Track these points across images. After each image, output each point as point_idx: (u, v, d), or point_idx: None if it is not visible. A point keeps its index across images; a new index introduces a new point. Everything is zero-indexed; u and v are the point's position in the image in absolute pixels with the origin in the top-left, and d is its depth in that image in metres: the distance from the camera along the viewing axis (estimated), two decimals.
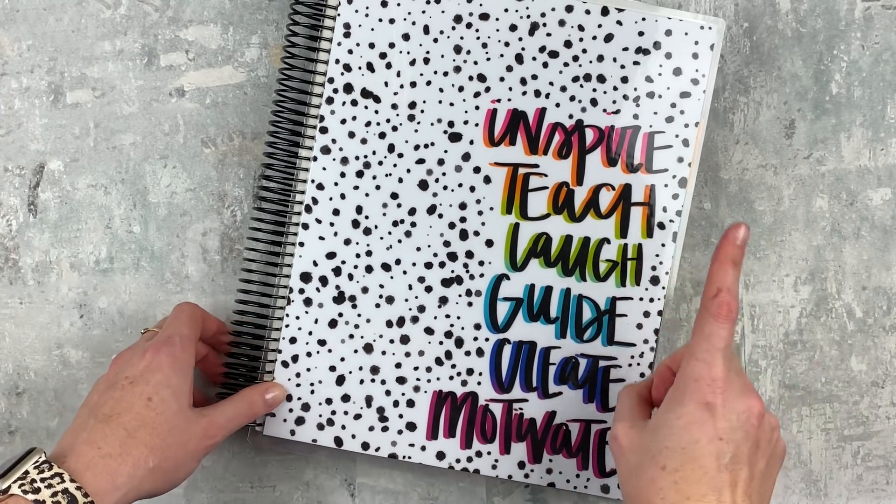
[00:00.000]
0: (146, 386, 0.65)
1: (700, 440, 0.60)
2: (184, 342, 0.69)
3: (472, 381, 0.75)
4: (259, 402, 0.73)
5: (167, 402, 0.66)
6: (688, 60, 0.74)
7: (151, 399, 0.65)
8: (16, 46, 0.78)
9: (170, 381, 0.66)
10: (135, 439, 0.63)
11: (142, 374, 0.66)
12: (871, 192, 0.79)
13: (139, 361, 0.67)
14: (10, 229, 0.78)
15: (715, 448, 0.59)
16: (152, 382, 0.66)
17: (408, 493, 0.79)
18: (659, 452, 0.60)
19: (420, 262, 0.75)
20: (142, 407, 0.65)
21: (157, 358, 0.67)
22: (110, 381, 0.67)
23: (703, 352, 0.61)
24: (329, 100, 0.74)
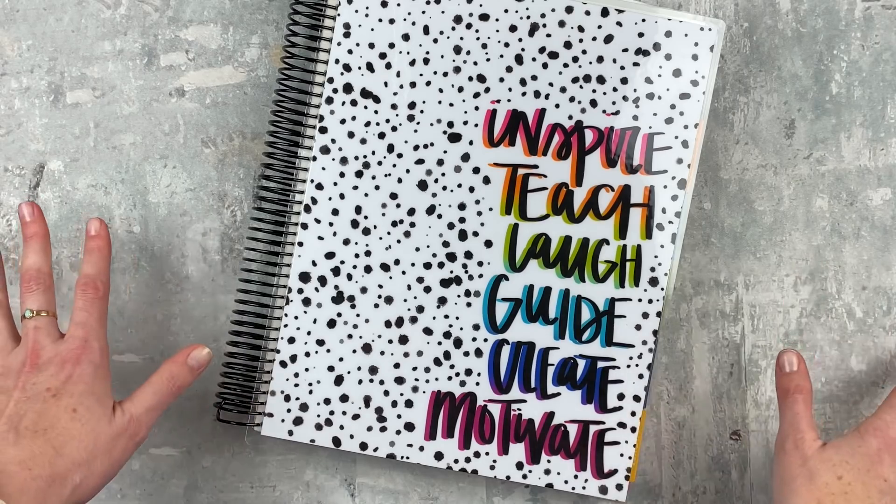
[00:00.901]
0: (70, 399, 0.64)
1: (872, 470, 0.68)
2: (100, 345, 0.68)
3: (470, 381, 0.75)
4: (181, 372, 0.70)
5: (92, 411, 0.65)
6: (687, 62, 0.74)
7: (77, 410, 0.64)
8: (16, 46, 0.78)
9: (93, 388, 0.66)
10: (63, 457, 0.62)
11: (64, 386, 0.65)
12: (871, 192, 0.79)
13: (59, 372, 0.65)
14: (10, 229, 0.78)
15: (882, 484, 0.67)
16: (76, 394, 0.65)
17: (408, 493, 0.79)
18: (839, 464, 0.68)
19: (419, 262, 0.75)
20: (67, 420, 0.64)
21: (79, 369, 0.66)
22: (26, 390, 0.65)
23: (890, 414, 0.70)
24: (329, 100, 0.74)
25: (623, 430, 0.75)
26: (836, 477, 0.67)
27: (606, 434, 0.75)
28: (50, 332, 0.68)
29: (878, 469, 0.67)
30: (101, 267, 0.71)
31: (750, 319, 0.79)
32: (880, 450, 0.68)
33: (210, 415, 0.78)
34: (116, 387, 0.77)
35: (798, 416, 0.71)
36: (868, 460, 0.68)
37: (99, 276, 0.70)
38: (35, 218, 0.71)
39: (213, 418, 0.76)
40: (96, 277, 0.70)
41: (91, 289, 0.69)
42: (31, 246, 0.70)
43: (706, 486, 0.79)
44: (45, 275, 0.70)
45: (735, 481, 0.79)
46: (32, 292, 0.69)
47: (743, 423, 0.79)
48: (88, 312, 0.69)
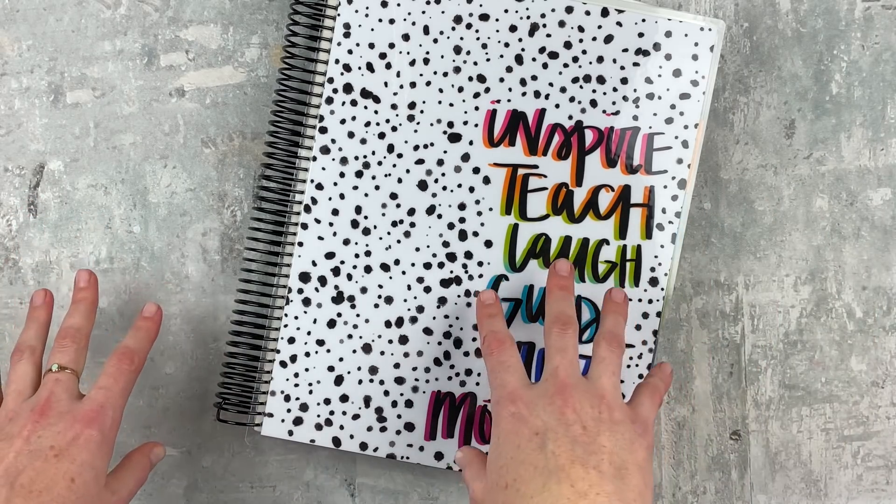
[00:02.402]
0: (71, 465, 0.62)
1: (521, 443, 0.62)
2: (115, 416, 0.66)
3: (470, 381, 0.75)
4: (147, 463, 0.70)
5: (88, 485, 0.63)
6: (687, 62, 0.74)
7: (74, 480, 0.62)
8: (16, 46, 0.78)
9: (94, 462, 0.63)
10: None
11: (68, 449, 0.63)
12: (871, 192, 0.79)
13: (67, 430, 0.64)
14: (10, 229, 0.78)
15: (536, 442, 0.62)
16: (78, 461, 0.63)
17: (408, 493, 0.79)
18: (499, 476, 0.63)
19: (419, 262, 0.75)
20: (63, 488, 0.61)
21: (87, 433, 0.64)
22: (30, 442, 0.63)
23: (494, 381, 0.67)
24: (329, 100, 0.74)
25: None
26: (503, 488, 0.62)
27: None
28: (69, 389, 0.66)
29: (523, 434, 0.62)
30: (142, 345, 0.70)
31: (750, 319, 0.79)
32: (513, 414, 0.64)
33: (210, 415, 0.78)
34: None
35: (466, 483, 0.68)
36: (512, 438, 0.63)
37: (138, 351, 0.70)
38: (89, 286, 0.72)
39: (213, 418, 0.76)
40: (135, 351, 0.69)
41: (126, 360, 0.68)
42: (77, 308, 0.71)
43: (706, 486, 0.79)
44: (82, 336, 0.69)
45: (735, 481, 0.79)
46: (64, 349, 0.68)
47: (743, 423, 0.79)
48: (115, 380, 0.67)
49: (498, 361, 0.67)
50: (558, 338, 0.67)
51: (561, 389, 0.64)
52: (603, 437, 0.62)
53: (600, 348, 0.67)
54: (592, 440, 0.62)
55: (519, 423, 0.63)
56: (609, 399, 0.64)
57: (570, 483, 0.59)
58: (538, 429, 0.62)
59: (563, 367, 0.66)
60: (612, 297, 0.72)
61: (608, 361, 0.67)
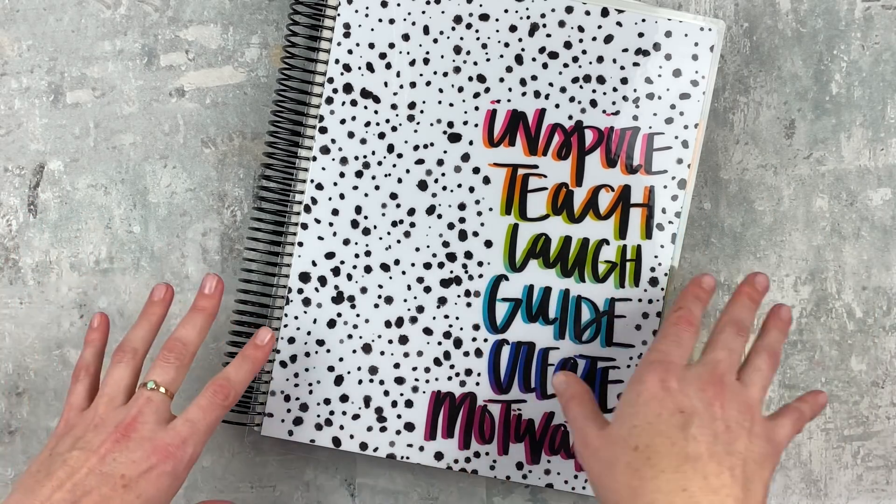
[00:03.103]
0: (136, 499, 0.61)
1: (663, 412, 0.61)
2: (194, 455, 0.64)
3: (470, 381, 0.75)
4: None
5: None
6: (687, 62, 0.74)
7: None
8: (16, 46, 0.78)
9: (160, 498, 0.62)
10: None
11: (137, 481, 0.61)
12: (871, 192, 0.79)
13: (142, 460, 0.62)
14: (10, 229, 0.78)
15: (679, 420, 0.61)
16: (143, 497, 0.61)
17: (408, 493, 0.79)
18: (629, 434, 0.62)
19: (419, 262, 0.75)
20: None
21: (160, 469, 0.62)
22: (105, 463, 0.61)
23: (658, 345, 0.66)
24: (329, 100, 0.74)
25: None
26: (632, 449, 0.61)
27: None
28: (159, 411, 0.64)
29: (666, 405, 0.62)
30: (244, 377, 0.68)
31: None
32: (662, 381, 0.63)
33: None
34: None
35: (574, 419, 0.67)
36: (654, 405, 0.62)
37: (236, 385, 0.67)
38: (213, 294, 0.69)
39: None
40: (233, 385, 0.67)
41: (222, 394, 0.66)
42: (192, 318, 0.68)
43: None
44: (188, 353, 0.67)
45: None
46: (167, 365, 0.66)
47: None
48: (204, 414, 0.65)
49: (675, 334, 0.66)
50: (731, 337, 0.66)
51: (716, 382, 0.63)
52: (740, 444, 0.61)
53: (760, 359, 0.67)
54: (731, 442, 0.61)
55: (665, 392, 0.62)
56: (755, 410, 0.64)
57: (703, 475, 0.59)
58: (684, 408, 0.61)
59: (724, 363, 0.65)
60: (780, 315, 0.70)
61: (763, 373, 0.66)
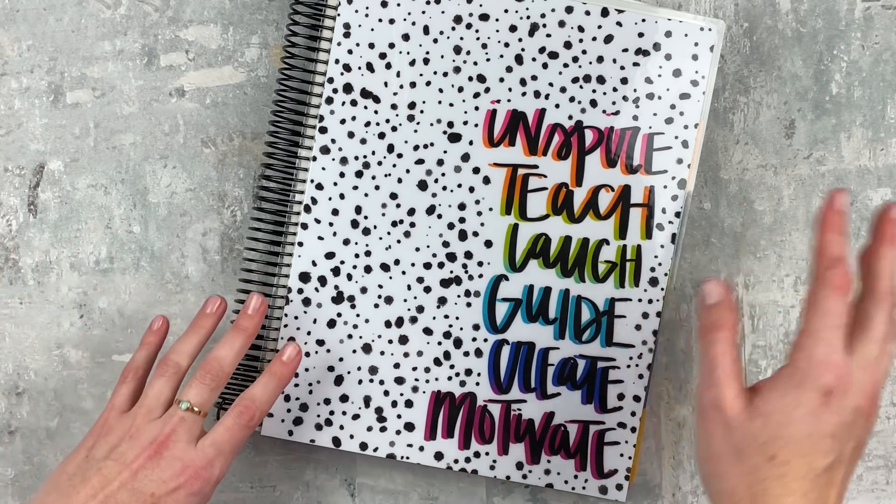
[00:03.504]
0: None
1: (814, 434, 0.57)
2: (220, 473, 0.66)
3: (470, 381, 0.75)
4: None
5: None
6: (687, 62, 0.74)
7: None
8: (16, 46, 0.78)
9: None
10: None
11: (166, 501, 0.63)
12: (871, 192, 0.79)
13: (171, 480, 0.64)
14: (10, 229, 0.78)
15: (825, 446, 0.57)
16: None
17: (408, 493, 0.79)
18: (770, 440, 0.57)
19: (419, 262, 0.75)
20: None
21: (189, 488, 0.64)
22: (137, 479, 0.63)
23: (823, 329, 0.58)
24: (329, 100, 0.74)
25: (623, 430, 0.75)
26: (768, 458, 0.57)
27: (606, 434, 0.75)
28: (191, 431, 0.66)
29: (820, 427, 0.57)
30: (270, 397, 0.69)
31: (750, 319, 0.79)
32: (827, 395, 0.57)
33: (210, 415, 0.78)
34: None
35: (715, 361, 0.60)
36: (807, 422, 0.57)
37: (262, 405, 0.68)
38: (255, 314, 0.70)
39: (214, 418, 0.76)
40: (258, 406, 0.68)
41: (247, 415, 0.67)
42: (232, 338, 0.69)
43: None
44: (224, 374, 0.68)
45: None
46: (203, 386, 0.67)
47: None
48: (230, 435, 0.66)
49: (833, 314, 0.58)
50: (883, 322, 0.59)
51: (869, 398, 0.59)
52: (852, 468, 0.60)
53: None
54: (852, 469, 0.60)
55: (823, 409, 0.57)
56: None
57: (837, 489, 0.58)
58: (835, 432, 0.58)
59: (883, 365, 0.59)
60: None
61: None
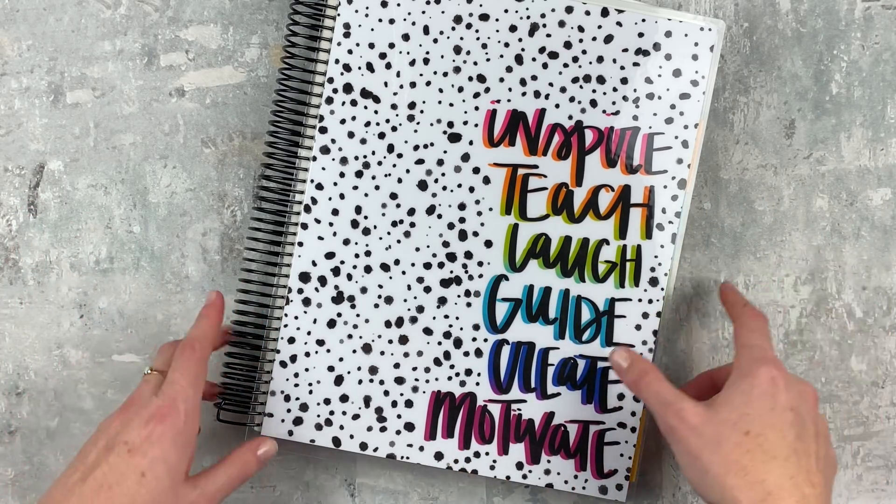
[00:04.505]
0: (143, 459, 0.63)
1: (776, 407, 0.64)
2: (189, 409, 0.66)
3: (470, 381, 0.75)
4: (252, 460, 0.71)
5: (160, 479, 0.63)
6: (687, 62, 0.74)
7: (145, 475, 0.63)
8: (16, 46, 0.78)
9: (167, 456, 0.64)
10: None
11: (141, 444, 0.63)
12: (871, 192, 0.79)
13: (141, 428, 0.64)
14: (10, 229, 0.78)
15: (789, 417, 0.64)
16: (149, 456, 0.63)
17: (408, 493, 0.79)
18: (740, 419, 0.64)
19: (419, 262, 0.75)
20: (134, 482, 0.62)
21: (160, 429, 0.64)
22: (110, 439, 0.64)
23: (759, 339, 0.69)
24: (329, 100, 0.74)
25: (623, 430, 0.75)
26: (744, 433, 0.63)
27: (606, 434, 0.75)
28: (155, 388, 0.67)
29: (779, 401, 0.64)
30: (204, 332, 0.70)
31: None
32: (773, 378, 0.65)
33: (210, 415, 0.78)
34: (117, 386, 0.78)
35: (659, 394, 0.67)
36: (767, 399, 0.64)
37: (199, 338, 0.69)
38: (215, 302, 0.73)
39: (213, 418, 0.76)
40: (196, 339, 0.69)
41: (188, 349, 0.68)
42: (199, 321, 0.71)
43: None
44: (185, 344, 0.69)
45: None
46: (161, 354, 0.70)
47: None
48: (182, 372, 0.67)
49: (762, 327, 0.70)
50: None
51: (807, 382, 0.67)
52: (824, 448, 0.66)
53: None
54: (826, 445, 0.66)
55: (776, 388, 0.65)
56: None
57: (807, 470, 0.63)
58: (793, 406, 0.64)
59: None
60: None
61: None
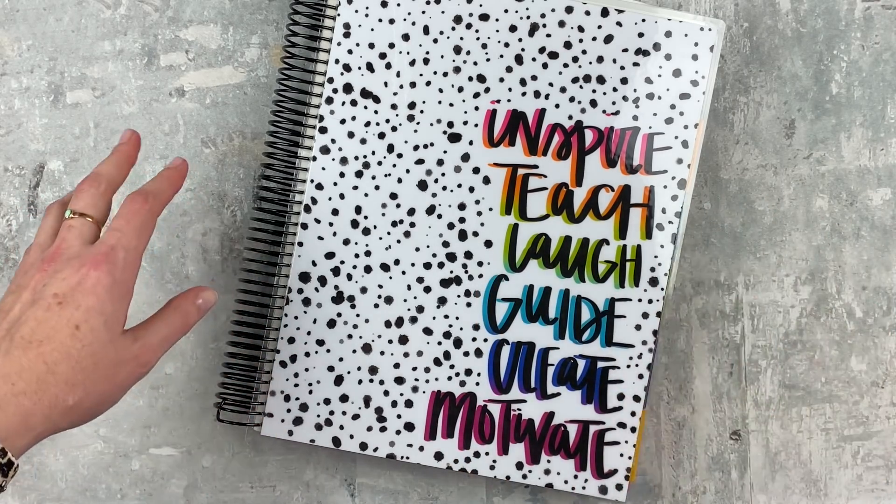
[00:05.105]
0: (76, 311, 0.58)
1: None
2: (128, 258, 0.60)
3: (470, 381, 0.75)
4: (192, 311, 0.65)
5: (97, 332, 0.58)
6: (687, 62, 0.74)
7: (79, 328, 0.57)
8: (16, 46, 0.78)
9: (104, 307, 0.58)
10: (54, 375, 0.57)
11: (72, 294, 0.58)
12: (871, 192, 0.79)
13: (72, 275, 0.59)
14: (10, 229, 0.78)
15: None
16: (83, 307, 0.58)
17: (408, 493, 0.79)
18: None
19: (419, 262, 0.75)
20: (67, 336, 0.57)
21: (94, 276, 0.58)
22: (36, 292, 0.59)
23: None
24: (329, 100, 0.74)
25: (623, 430, 0.75)
26: None
27: (606, 434, 0.75)
28: (83, 234, 0.61)
29: None
30: (159, 187, 0.64)
31: (750, 319, 0.79)
32: None
33: (210, 415, 0.78)
34: None
35: None
36: None
37: (152, 192, 0.63)
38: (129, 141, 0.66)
39: (213, 418, 0.76)
40: (148, 192, 0.63)
41: (139, 200, 0.62)
42: (110, 158, 0.65)
43: (706, 486, 0.79)
44: (103, 181, 0.63)
45: (735, 481, 0.79)
46: (81, 193, 0.63)
47: (743, 423, 0.79)
48: (126, 221, 0.61)
49: None
50: None
51: None
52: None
53: None
54: None
55: None
56: None
57: None
58: None
59: None
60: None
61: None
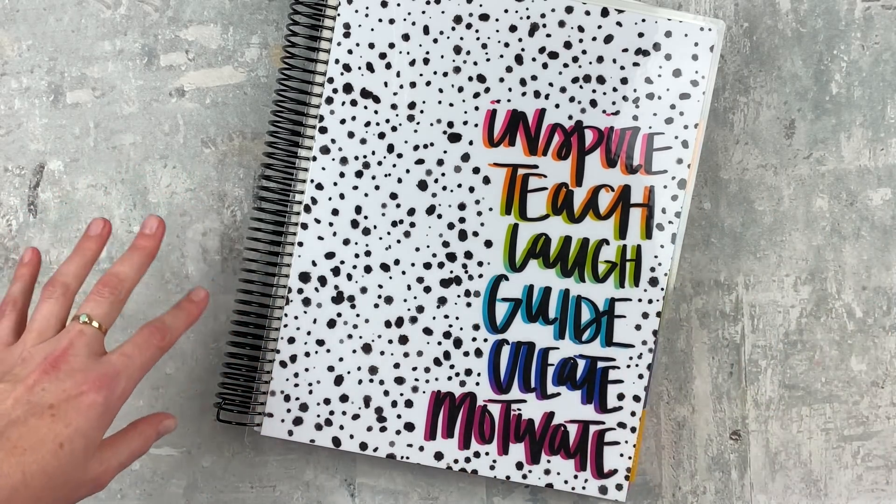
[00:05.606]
0: (65, 428, 0.58)
1: None
2: (127, 388, 0.62)
3: (470, 381, 0.75)
4: (152, 436, 0.67)
5: (76, 454, 0.59)
6: (687, 62, 0.74)
7: (63, 446, 0.58)
8: (16, 46, 0.78)
9: (90, 430, 0.60)
10: (27, 489, 0.57)
11: (66, 410, 0.59)
12: (871, 192, 0.79)
13: (72, 388, 0.60)
14: (10, 229, 0.78)
15: None
16: (72, 427, 0.59)
17: (408, 493, 0.79)
18: None
19: (419, 262, 0.75)
20: (49, 452, 0.58)
21: (91, 398, 0.60)
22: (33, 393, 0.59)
23: None
24: (329, 100, 0.74)
25: (623, 430, 0.75)
26: None
27: (606, 434, 0.75)
28: (91, 345, 0.62)
29: None
30: (178, 324, 0.67)
31: (750, 319, 0.79)
32: None
33: (210, 415, 0.78)
34: None
35: None
36: None
37: (172, 329, 0.66)
38: (153, 234, 0.68)
39: (213, 418, 0.76)
40: (168, 328, 0.66)
41: (157, 335, 0.65)
42: (131, 256, 0.66)
43: (706, 486, 0.79)
44: (124, 289, 0.65)
45: (735, 481, 0.79)
46: (101, 299, 0.64)
47: (743, 423, 0.79)
48: (140, 351, 0.63)
49: None
50: None
51: None
52: None
53: None
54: None
55: None
56: None
57: None
58: None
59: None
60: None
61: None
